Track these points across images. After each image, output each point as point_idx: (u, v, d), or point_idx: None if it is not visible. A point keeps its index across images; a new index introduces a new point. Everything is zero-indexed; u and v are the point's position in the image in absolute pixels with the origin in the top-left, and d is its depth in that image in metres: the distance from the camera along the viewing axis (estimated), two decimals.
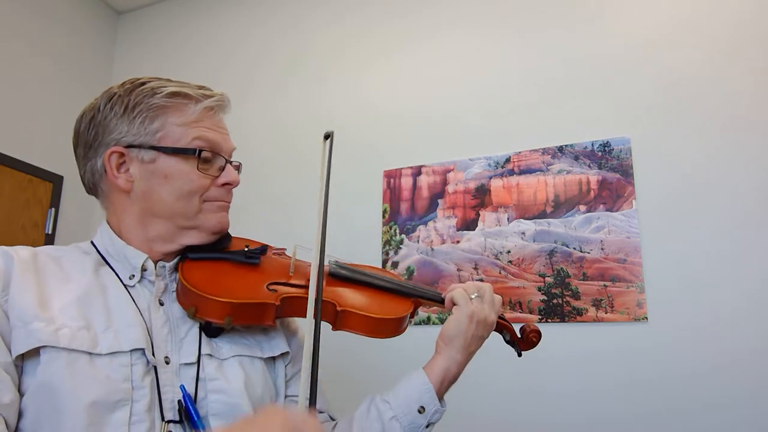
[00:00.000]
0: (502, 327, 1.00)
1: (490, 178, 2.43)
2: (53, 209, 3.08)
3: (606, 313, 2.11)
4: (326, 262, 0.96)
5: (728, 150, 2.08)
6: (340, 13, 2.97)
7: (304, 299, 0.80)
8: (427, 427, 0.88)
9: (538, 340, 1.01)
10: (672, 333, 2.01)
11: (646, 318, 2.05)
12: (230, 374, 0.84)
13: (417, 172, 2.57)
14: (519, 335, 1.01)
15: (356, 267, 1.02)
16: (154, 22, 3.52)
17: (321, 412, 0.98)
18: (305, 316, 0.77)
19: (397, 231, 2.54)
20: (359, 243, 2.53)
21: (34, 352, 0.72)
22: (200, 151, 0.87)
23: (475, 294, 0.93)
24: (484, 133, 2.49)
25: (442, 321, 2.32)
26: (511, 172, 2.40)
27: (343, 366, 2.14)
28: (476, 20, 2.64)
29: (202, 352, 0.83)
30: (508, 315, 2.22)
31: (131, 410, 0.73)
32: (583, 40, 2.40)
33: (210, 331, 0.86)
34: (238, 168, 0.96)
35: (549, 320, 2.19)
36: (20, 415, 0.72)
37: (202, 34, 3.34)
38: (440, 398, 0.89)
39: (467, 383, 2.13)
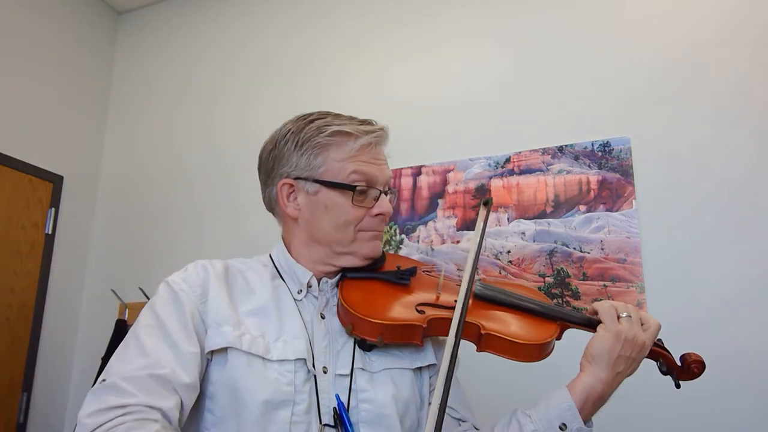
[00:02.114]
0: (658, 355, 0.97)
1: (490, 178, 2.43)
2: (53, 209, 3.08)
3: None
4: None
5: (728, 150, 2.08)
6: (340, 18, 2.97)
7: (450, 321, 0.84)
8: None
9: (700, 372, 0.97)
10: (672, 333, 2.01)
11: None
12: (380, 387, 0.92)
13: (417, 172, 2.57)
14: (679, 364, 0.99)
15: (503, 287, 1.04)
16: (155, 22, 3.52)
17: (464, 421, 1.03)
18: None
19: (397, 231, 2.54)
20: None
21: (223, 350, 0.88)
22: (355, 185, 0.96)
23: (626, 313, 0.93)
24: (484, 133, 2.49)
25: None
26: (511, 172, 2.40)
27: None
28: (476, 21, 2.64)
29: (356, 366, 0.93)
30: None
31: (293, 411, 0.85)
32: (583, 40, 2.40)
33: (364, 345, 0.95)
34: (394, 194, 1.06)
35: None
36: (210, 399, 0.87)
37: (204, 35, 3.34)
38: (586, 418, 0.89)
39: (469, 383, 2.12)
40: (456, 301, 0.86)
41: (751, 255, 1.98)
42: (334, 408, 0.88)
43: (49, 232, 3.05)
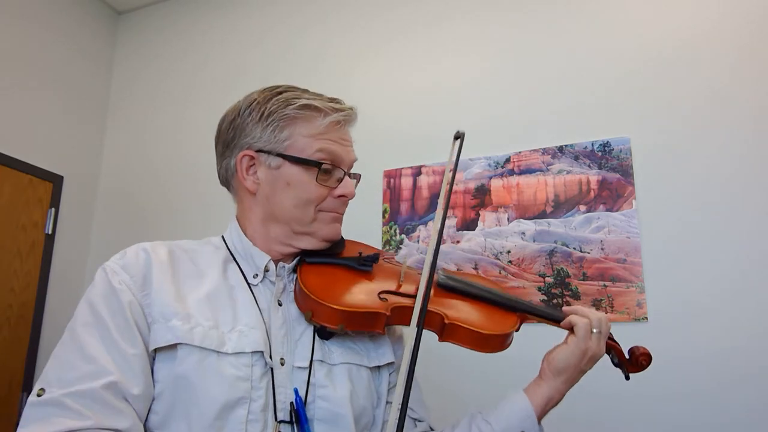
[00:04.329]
0: (610, 348, 1.00)
1: (490, 178, 2.43)
2: (53, 209, 3.08)
3: (606, 313, 2.10)
4: (435, 271, 0.98)
5: (729, 149, 2.08)
6: (344, 22, 2.97)
7: (413, 309, 0.82)
8: None
9: (648, 363, 0.99)
10: (672, 333, 2.01)
11: (646, 318, 2.05)
12: (338, 383, 0.88)
13: (417, 172, 2.57)
14: (627, 357, 1.01)
15: (465, 277, 1.03)
16: (155, 22, 3.52)
17: (421, 421, 1.01)
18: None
19: (397, 231, 2.54)
20: None
21: (172, 346, 0.80)
22: (321, 163, 0.91)
23: (597, 330, 0.93)
24: (484, 133, 2.49)
25: None
26: (511, 172, 2.40)
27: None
28: (476, 20, 2.64)
29: (315, 358, 0.88)
30: None
31: (249, 409, 0.79)
32: (583, 40, 2.40)
33: (323, 333, 0.90)
34: (357, 179, 1.01)
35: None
36: (155, 400, 0.79)
37: (206, 35, 3.34)
38: (539, 422, 0.92)
39: (469, 383, 2.12)
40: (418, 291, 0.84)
41: (751, 254, 1.98)
42: (291, 403, 0.82)
43: (49, 232, 3.05)
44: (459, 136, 0.98)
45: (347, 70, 2.87)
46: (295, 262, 0.95)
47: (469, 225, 2.42)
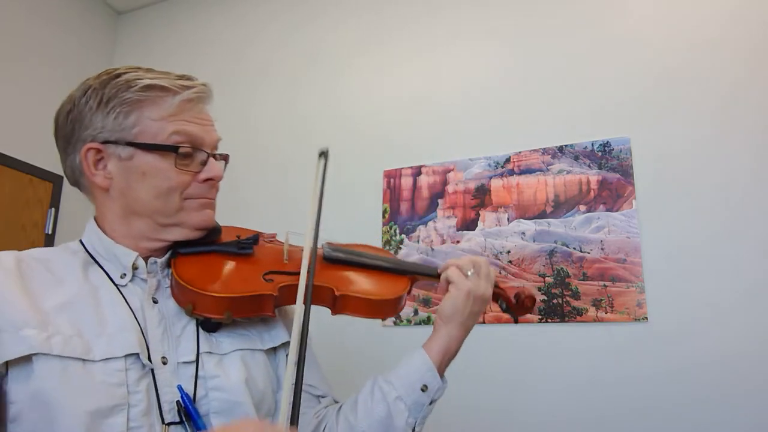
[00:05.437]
0: (498, 296, 1.02)
1: (490, 178, 2.43)
2: (53, 209, 3.08)
3: (606, 313, 2.11)
4: (319, 245, 0.95)
5: (728, 149, 2.08)
6: (341, 19, 2.97)
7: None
8: (430, 404, 0.89)
9: (533, 305, 1.03)
10: (672, 333, 2.01)
11: (646, 318, 2.05)
12: (231, 370, 0.82)
13: (417, 172, 2.57)
14: (514, 301, 1.04)
15: (349, 247, 1.01)
16: (155, 22, 3.52)
17: (325, 396, 0.98)
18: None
19: (397, 231, 2.54)
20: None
21: (26, 359, 0.71)
22: (177, 147, 0.83)
23: (471, 270, 0.94)
24: (484, 133, 2.49)
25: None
26: (511, 172, 2.40)
27: (339, 355, 2.16)
28: (476, 20, 2.64)
29: (201, 350, 0.81)
30: None
31: (128, 415, 0.72)
32: (583, 40, 2.41)
33: (208, 325, 0.84)
34: (225, 159, 0.92)
35: (549, 320, 2.19)
36: (15, 422, 0.71)
37: (205, 34, 3.34)
38: (441, 375, 0.90)
39: (470, 383, 2.12)
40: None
41: (751, 254, 1.98)
42: (178, 402, 0.76)
43: (49, 232, 3.05)
44: (323, 153, 0.90)
45: (346, 70, 2.87)
46: (168, 255, 0.87)
47: (469, 225, 2.42)
